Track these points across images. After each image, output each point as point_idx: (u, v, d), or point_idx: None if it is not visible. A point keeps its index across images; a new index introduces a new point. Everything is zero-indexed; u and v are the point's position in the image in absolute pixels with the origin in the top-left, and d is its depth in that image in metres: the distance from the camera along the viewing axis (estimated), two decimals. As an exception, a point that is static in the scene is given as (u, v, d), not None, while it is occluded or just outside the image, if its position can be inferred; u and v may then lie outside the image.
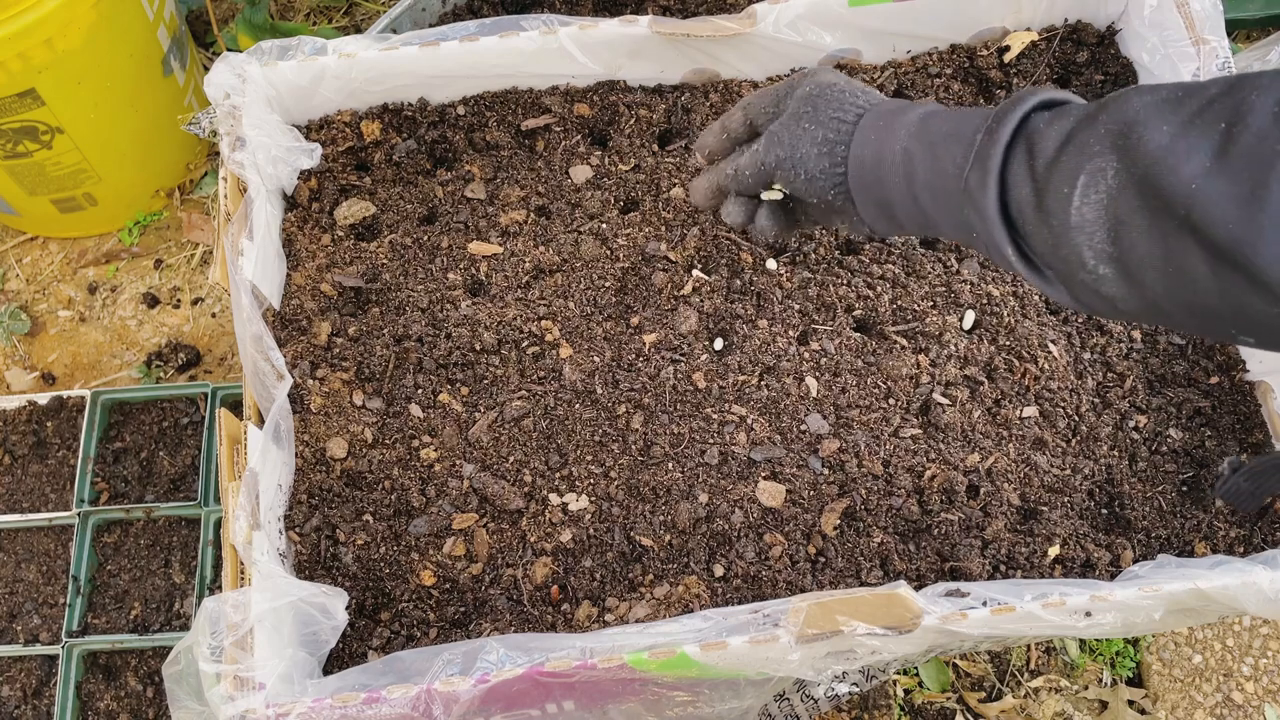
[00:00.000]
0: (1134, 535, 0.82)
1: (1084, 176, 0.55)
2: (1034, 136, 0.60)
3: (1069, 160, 0.56)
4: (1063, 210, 0.56)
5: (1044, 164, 0.58)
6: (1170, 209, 0.50)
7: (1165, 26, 0.91)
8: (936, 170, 0.65)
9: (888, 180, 0.68)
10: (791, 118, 0.73)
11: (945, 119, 0.66)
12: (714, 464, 0.84)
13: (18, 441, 1.29)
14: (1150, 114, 0.54)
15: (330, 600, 0.75)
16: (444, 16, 1.26)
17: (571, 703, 0.76)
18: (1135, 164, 0.53)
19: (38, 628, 1.20)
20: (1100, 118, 0.56)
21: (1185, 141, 0.51)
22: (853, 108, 0.71)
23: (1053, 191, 0.57)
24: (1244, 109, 0.49)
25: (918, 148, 0.66)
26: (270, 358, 0.82)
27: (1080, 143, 0.56)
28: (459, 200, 0.96)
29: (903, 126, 0.68)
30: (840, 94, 0.72)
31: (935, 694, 1.20)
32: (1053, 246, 0.57)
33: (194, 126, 0.92)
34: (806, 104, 0.72)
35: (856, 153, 0.70)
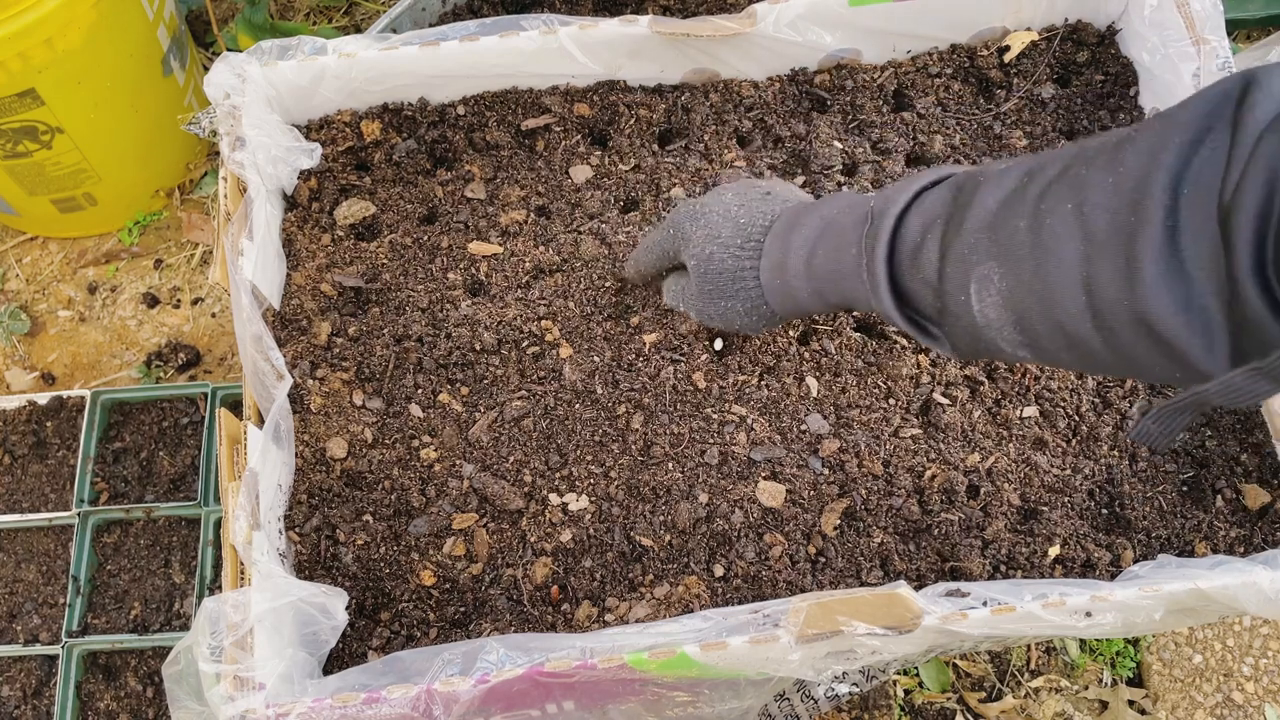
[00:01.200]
0: (1134, 535, 0.82)
1: (974, 284, 0.59)
2: (914, 248, 0.63)
3: (953, 273, 0.60)
4: (967, 314, 0.60)
5: (934, 278, 0.62)
6: (1064, 299, 0.53)
7: (1165, 26, 0.91)
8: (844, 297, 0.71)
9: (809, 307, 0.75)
10: (703, 296, 0.79)
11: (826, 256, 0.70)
12: (714, 464, 0.84)
13: (18, 441, 1.29)
14: (1005, 211, 0.57)
15: (330, 600, 0.75)
16: (444, 16, 1.26)
17: (571, 703, 0.76)
18: (1014, 264, 0.56)
19: (38, 628, 1.20)
20: (964, 223, 0.59)
21: (1047, 232, 0.54)
22: (749, 271, 0.76)
23: (951, 299, 0.61)
24: (1083, 185, 0.52)
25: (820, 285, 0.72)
26: (270, 358, 0.82)
27: (958, 253, 0.59)
28: (459, 200, 0.96)
29: (794, 271, 0.72)
30: (722, 264, 0.77)
31: (935, 694, 1.20)
32: (971, 343, 0.62)
33: (194, 126, 0.91)
34: (706, 282, 0.78)
35: (777, 305, 0.76)
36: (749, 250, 0.75)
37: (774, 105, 0.98)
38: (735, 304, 0.77)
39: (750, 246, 0.75)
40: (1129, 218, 0.49)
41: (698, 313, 0.80)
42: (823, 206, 0.72)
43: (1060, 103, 0.98)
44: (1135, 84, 0.98)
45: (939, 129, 0.97)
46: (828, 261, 0.70)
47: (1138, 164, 0.49)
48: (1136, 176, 0.49)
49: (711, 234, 0.77)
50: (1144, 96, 0.97)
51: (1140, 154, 0.50)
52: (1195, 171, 0.47)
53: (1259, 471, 0.85)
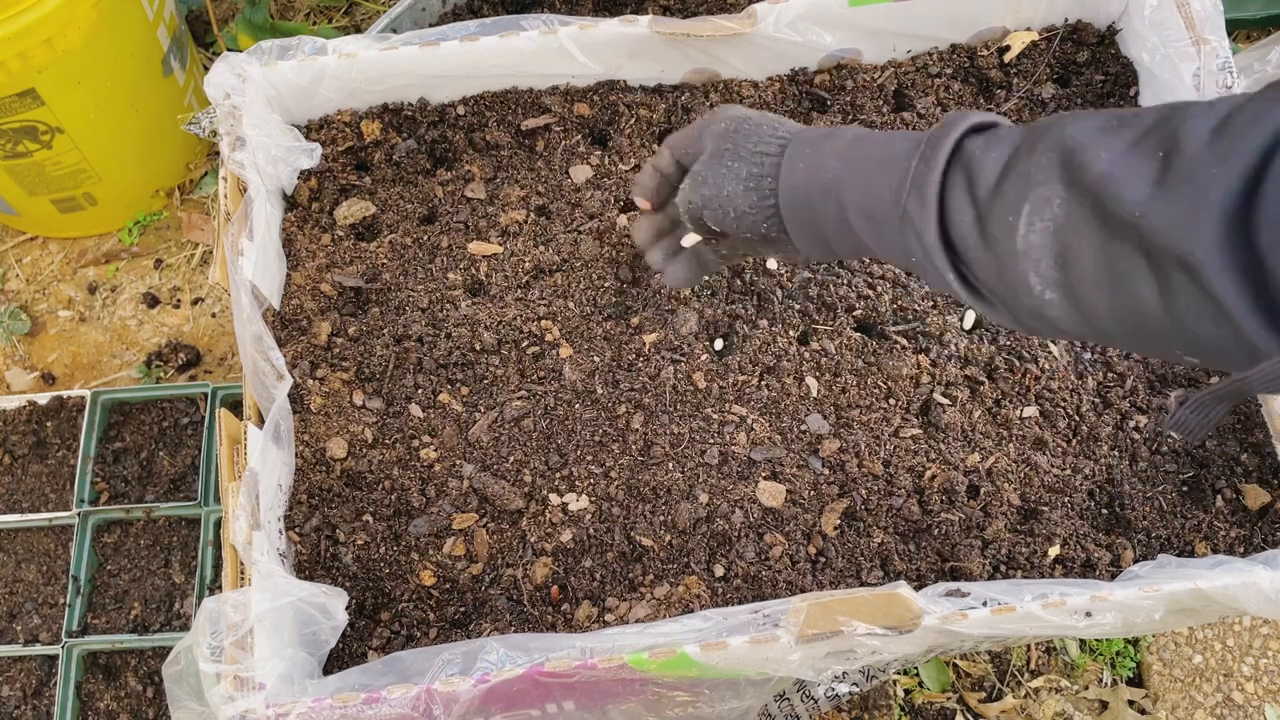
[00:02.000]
0: (1134, 535, 0.82)
1: (1028, 205, 0.55)
2: (971, 163, 0.60)
3: (1012, 188, 0.57)
4: (1008, 238, 0.56)
5: (986, 192, 0.58)
6: (1119, 233, 0.51)
7: (1165, 26, 0.91)
8: (871, 196, 0.64)
9: (820, 209, 0.68)
10: (712, 156, 0.72)
11: (875, 144, 0.66)
12: (714, 464, 0.84)
13: (18, 441, 1.29)
14: (1090, 141, 0.54)
15: (330, 600, 0.75)
16: (444, 16, 1.26)
17: (571, 703, 0.76)
18: (1082, 191, 0.53)
19: (38, 628, 1.20)
20: (1039, 145, 0.56)
21: (1126, 168, 0.51)
22: (774, 139, 0.70)
23: (996, 219, 0.57)
24: (1179, 135, 0.50)
25: (850, 174, 0.66)
26: (270, 358, 0.82)
27: (1022, 171, 0.56)
28: (459, 200, 0.96)
29: (831, 154, 0.67)
30: (758, 127, 0.71)
31: (935, 694, 1.20)
32: (997, 273, 0.58)
33: (194, 126, 0.92)
34: (726, 140, 0.71)
35: (786, 183, 0.69)
36: (786, 129, 0.71)
37: (774, 105, 0.98)
38: (741, 166, 0.70)
39: (786, 129, 0.71)
40: (1212, 169, 0.47)
41: (693, 179, 0.73)
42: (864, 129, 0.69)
43: (1060, 103, 0.98)
44: (1135, 84, 0.98)
45: (939, 129, 0.97)
46: (873, 149, 0.65)
47: (1242, 120, 0.48)
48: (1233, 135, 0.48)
49: (755, 112, 0.73)
50: (1144, 96, 0.97)
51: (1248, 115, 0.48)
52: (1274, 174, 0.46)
53: (1259, 471, 0.85)
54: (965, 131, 0.61)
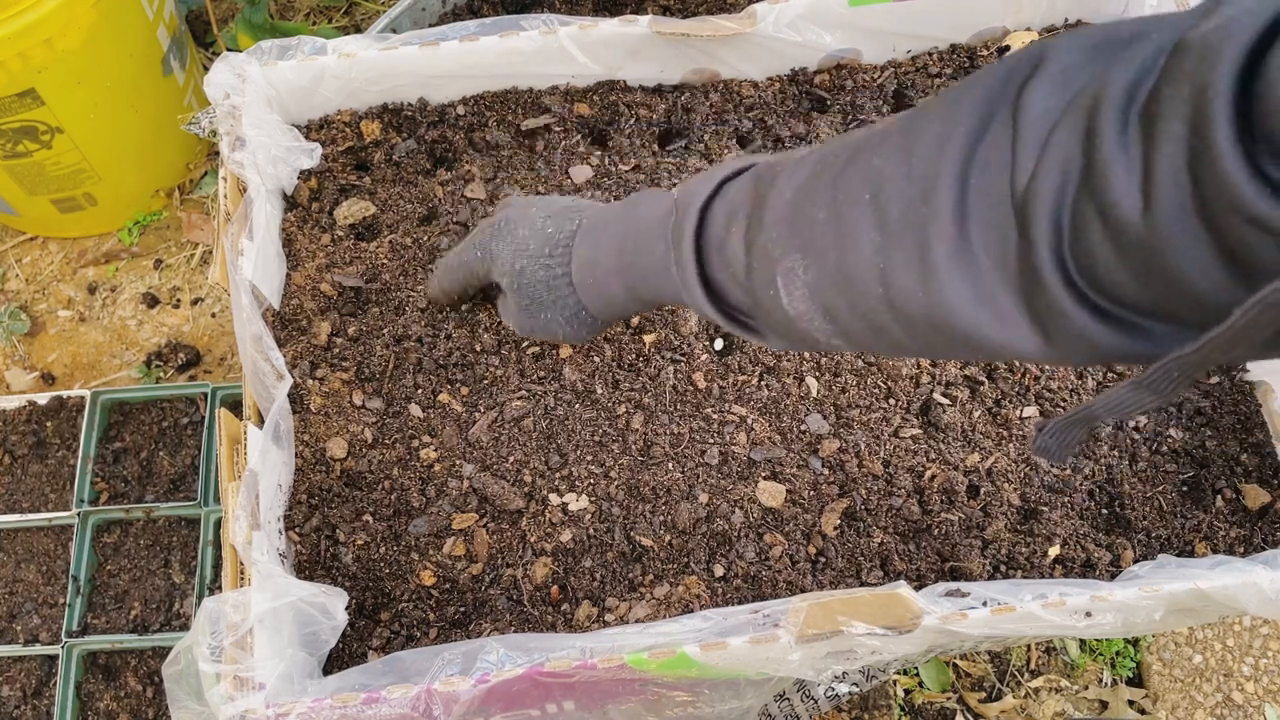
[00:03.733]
0: (1134, 535, 0.82)
1: (780, 278, 0.58)
2: (720, 243, 0.62)
3: (759, 266, 0.59)
4: (778, 307, 0.59)
5: (742, 273, 0.61)
6: (864, 290, 0.53)
7: (1165, 26, 0.91)
8: (658, 293, 0.69)
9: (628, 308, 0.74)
10: (525, 313, 0.78)
11: (636, 250, 0.69)
12: (714, 464, 0.84)
13: (17, 441, 1.29)
14: (802, 201, 0.56)
15: (330, 600, 0.75)
16: (444, 16, 1.26)
17: (571, 703, 0.76)
18: (816, 256, 0.55)
19: (37, 628, 1.20)
20: (764, 216, 0.59)
21: (846, 223, 0.53)
22: (562, 280, 0.74)
23: (760, 293, 0.60)
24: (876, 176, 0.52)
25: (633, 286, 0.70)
26: (270, 358, 0.82)
27: (761, 247, 0.59)
28: (459, 200, 0.96)
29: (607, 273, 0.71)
30: (537, 273, 0.75)
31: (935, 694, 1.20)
32: (785, 333, 0.61)
33: (194, 126, 0.91)
34: (523, 295, 0.77)
35: (588, 304, 0.75)
36: (558, 257, 0.74)
37: (774, 105, 0.99)
38: (555, 314, 0.76)
39: (559, 253, 0.74)
40: (920, 208, 0.49)
41: (519, 327, 0.80)
42: (628, 204, 0.71)
43: (1060, 103, 0.98)
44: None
45: (939, 129, 0.97)
46: (638, 256, 0.68)
47: (927, 152, 0.49)
48: (926, 165, 0.49)
49: (519, 248, 0.76)
50: (1144, 96, 0.97)
51: (929, 142, 0.50)
52: (981, 161, 0.47)
53: (1259, 471, 0.85)
54: (703, 205, 0.64)
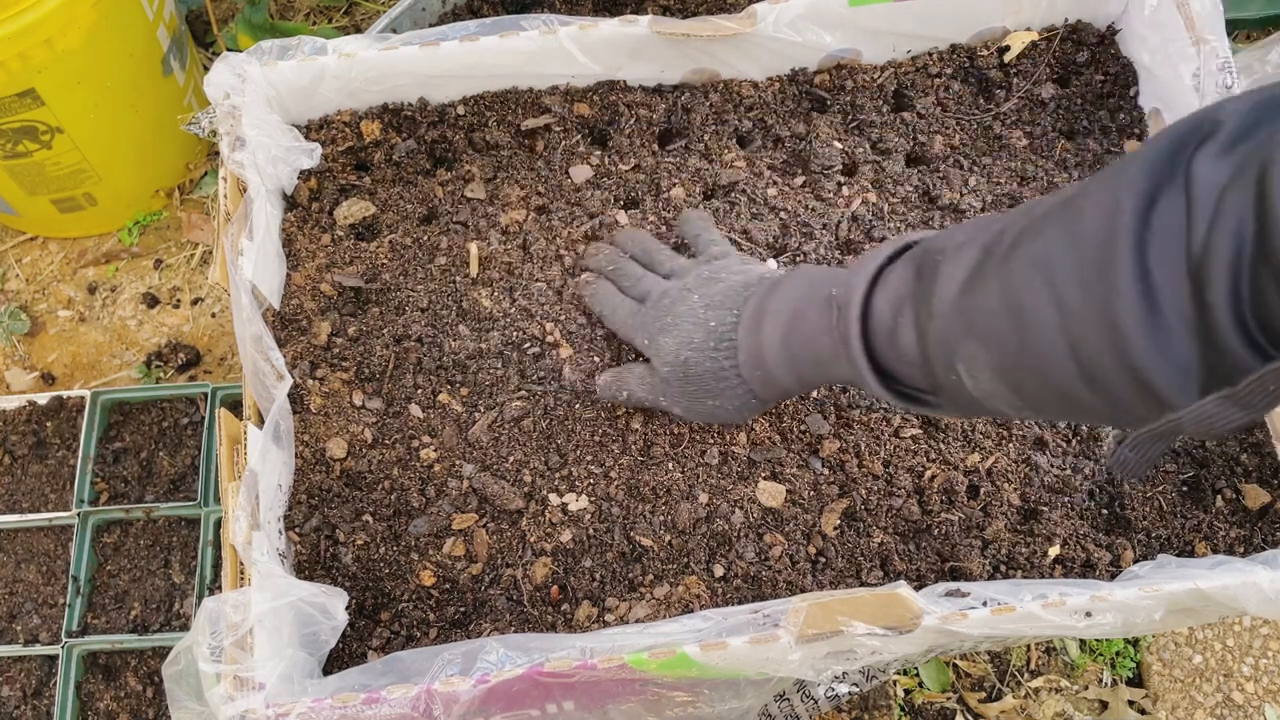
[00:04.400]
0: (1134, 535, 0.82)
1: (961, 364, 0.59)
2: (890, 333, 0.64)
3: (937, 354, 0.61)
4: (962, 391, 0.60)
5: (917, 359, 0.62)
6: (1054, 366, 0.54)
7: (1165, 26, 0.91)
8: (831, 379, 0.72)
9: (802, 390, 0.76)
10: (691, 399, 0.79)
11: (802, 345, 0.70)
12: (714, 464, 0.84)
13: (17, 441, 1.29)
14: (972, 292, 0.58)
15: (330, 600, 0.75)
16: (444, 16, 1.26)
17: (571, 703, 0.76)
18: (996, 342, 0.57)
19: (37, 628, 1.20)
20: (933, 306, 0.60)
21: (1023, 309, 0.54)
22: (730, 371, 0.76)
23: (942, 378, 0.61)
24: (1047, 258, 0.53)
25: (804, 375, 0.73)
26: (270, 358, 0.82)
27: (936, 337, 0.60)
28: (459, 200, 0.96)
29: (776, 367, 0.73)
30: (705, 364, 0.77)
31: (935, 694, 1.20)
32: (973, 409, 0.63)
33: (194, 126, 0.91)
34: (690, 384, 0.78)
35: (759, 393, 0.77)
36: (724, 350, 0.76)
37: (774, 105, 0.98)
38: (724, 402, 0.78)
39: (725, 346, 0.76)
40: (1100, 287, 0.50)
41: (684, 411, 0.81)
42: (784, 291, 0.73)
43: (1060, 103, 0.98)
44: (1135, 84, 0.98)
45: (939, 129, 0.97)
46: (804, 350, 0.71)
47: (1095, 227, 0.51)
48: (1098, 243, 0.50)
49: (684, 341, 0.78)
50: (1144, 96, 0.97)
51: (1095, 216, 0.51)
52: (1157, 231, 0.48)
53: (1259, 471, 0.85)
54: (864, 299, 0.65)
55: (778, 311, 0.73)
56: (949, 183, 0.95)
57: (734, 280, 0.79)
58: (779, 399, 0.79)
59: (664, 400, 0.81)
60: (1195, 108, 0.87)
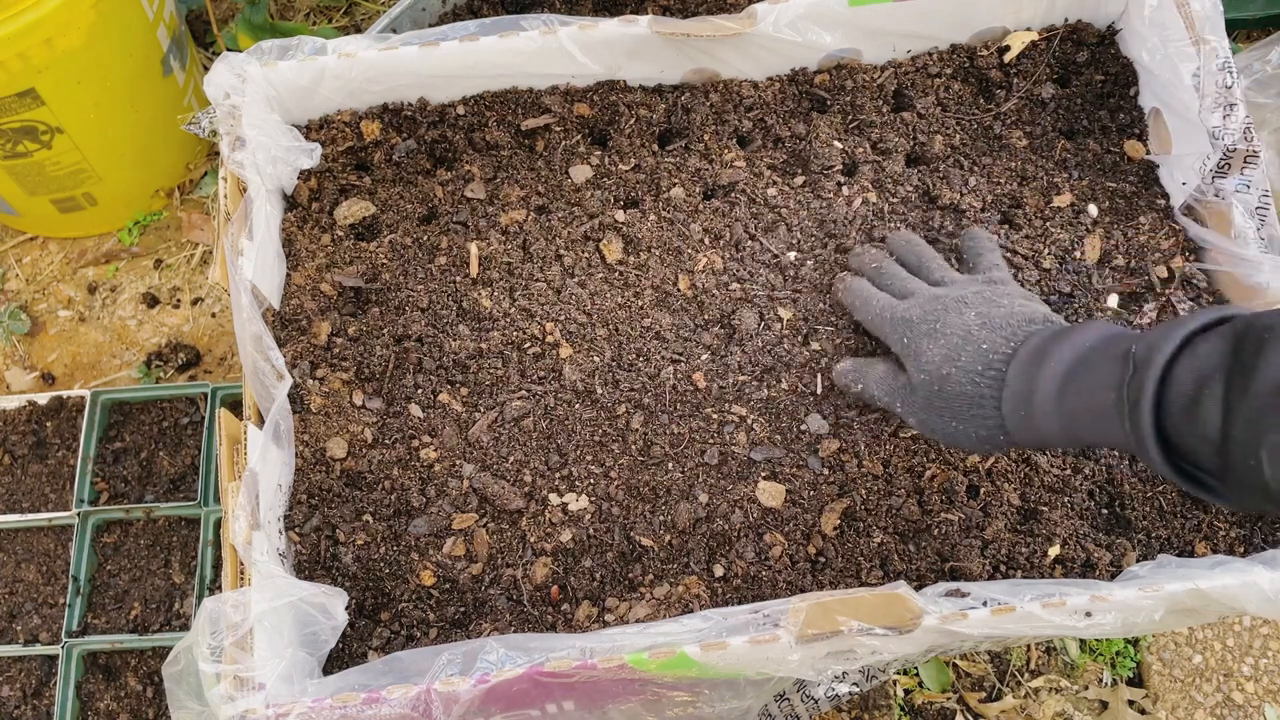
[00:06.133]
0: (1134, 535, 0.82)
1: (1265, 451, 0.56)
2: (1189, 403, 0.60)
3: (1240, 435, 0.57)
4: (1258, 477, 0.57)
5: (1215, 436, 0.58)
6: None
7: (1165, 26, 0.91)
8: (1101, 439, 0.67)
9: (1052, 445, 0.72)
10: (934, 414, 0.76)
11: (1080, 396, 0.67)
12: (714, 464, 0.84)
13: (17, 441, 1.29)
14: None
15: (330, 600, 0.75)
16: (444, 16, 1.26)
17: (571, 703, 0.76)
18: None
19: (38, 628, 1.20)
20: (1251, 385, 0.56)
21: None
22: (989, 402, 0.72)
23: (1237, 461, 0.58)
24: None
25: (1071, 426, 0.68)
26: (270, 358, 0.82)
27: (1246, 418, 0.57)
28: (459, 200, 0.96)
29: (1045, 411, 0.69)
30: (964, 386, 0.73)
31: (935, 694, 1.20)
32: (1262, 502, 0.59)
33: (194, 126, 0.91)
34: (940, 400, 0.75)
35: (1017, 436, 0.72)
36: (990, 378, 0.72)
37: (774, 105, 0.98)
38: (968, 427, 0.74)
39: (991, 375, 0.72)
40: None
41: (919, 423, 0.78)
42: (1073, 337, 0.69)
43: (1060, 103, 0.98)
44: (1135, 84, 0.98)
45: (939, 129, 0.97)
46: (1081, 402, 0.66)
47: None
48: None
49: (950, 355, 0.74)
50: (1144, 97, 0.97)
51: None
52: None
53: (1259, 471, 0.85)
54: (1167, 363, 0.62)
55: (1062, 357, 0.68)
56: (949, 183, 0.95)
57: (1018, 309, 0.75)
58: (1032, 445, 0.74)
59: (900, 407, 0.78)
60: (1195, 108, 0.87)
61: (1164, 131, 0.94)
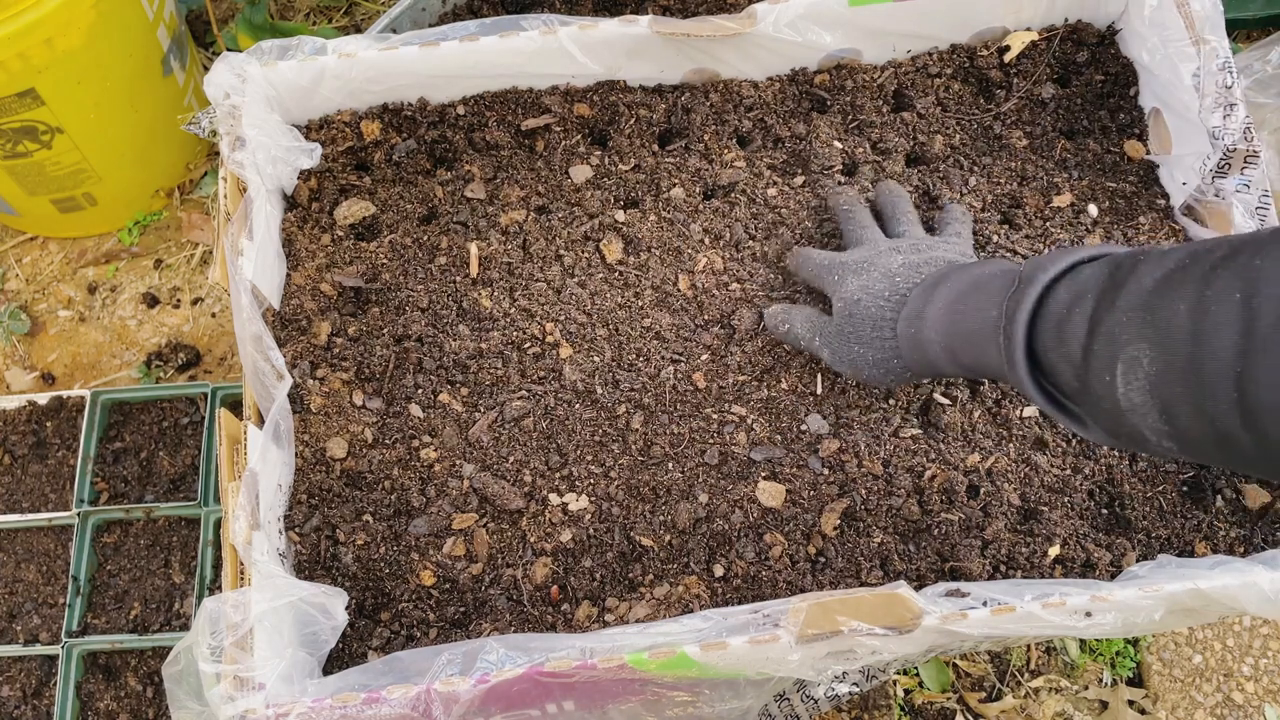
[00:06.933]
0: (1134, 535, 0.82)
1: (1120, 365, 0.56)
2: (1060, 322, 0.62)
3: (1100, 350, 0.58)
4: (1110, 396, 0.58)
5: (1077, 354, 0.60)
6: (1214, 392, 0.51)
7: (1165, 26, 0.91)
8: (976, 359, 0.70)
9: (939, 366, 0.74)
10: (842, 339, 0.80)
11: (968, 313, 0.69)
12: (714, 464, 0.84)
13: (17, 441, 1.29)
14: (1165, 291, 0.55)
15: (330, 600, 0.75)
16: (444, 16, 1.26)
17: (571, 703, 0.76)
18: (1167, 349, 0.54)
19: (38, 628, 1.20)
20: (1119, 301, 0.57)
21: (1209, 320, 0.51)
22: (888, 325, 0.77)
23: (1094, 378, 0.59)
24: (1255, 277, 0.50)
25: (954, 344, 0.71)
26: (270, 358, 0.82)
27: (1107, 330, 0.57)
28: (459, 200, 0.96)
29: (935, 328, 0.72)
30: (870, 308, 0.78)
31: (935, 694, 1.20)
32: (1113, 425, 0.60)
33: (194, 126, 0.91)
34: (848, 324, 0.80)
35: (908, 357, 0.76)
36: (894, 301, 0.76)
37: (774, 105, 0.98)
38: (868, 351, 0.78)
39: (896, 298, 0.76)
40: None
41: (831, 352, 0.81)
42: (974, 267, 0.73)
43: (1060, 103, 0.98)
44: (1135, 84, 0.98)
45: (939, 129, 0.97)
46: (965, 319, 0.69)
47: None
48: None
49: (865, 285, 0.79)
50: (1144, 96, 0.97)
51: None
52: None
53: (1259, 471, 0.85)
54: (1049, 281, 0.63)
55: (959, 280, 0.72)
56: (949, 183, 0.95)
57: (944, 254, 0.79)
58: (919, 370, 0.77)
59: (818, 340, 0.82)
60: (1195, 108, 0.87)
61: (1164, 131, 0.94)
